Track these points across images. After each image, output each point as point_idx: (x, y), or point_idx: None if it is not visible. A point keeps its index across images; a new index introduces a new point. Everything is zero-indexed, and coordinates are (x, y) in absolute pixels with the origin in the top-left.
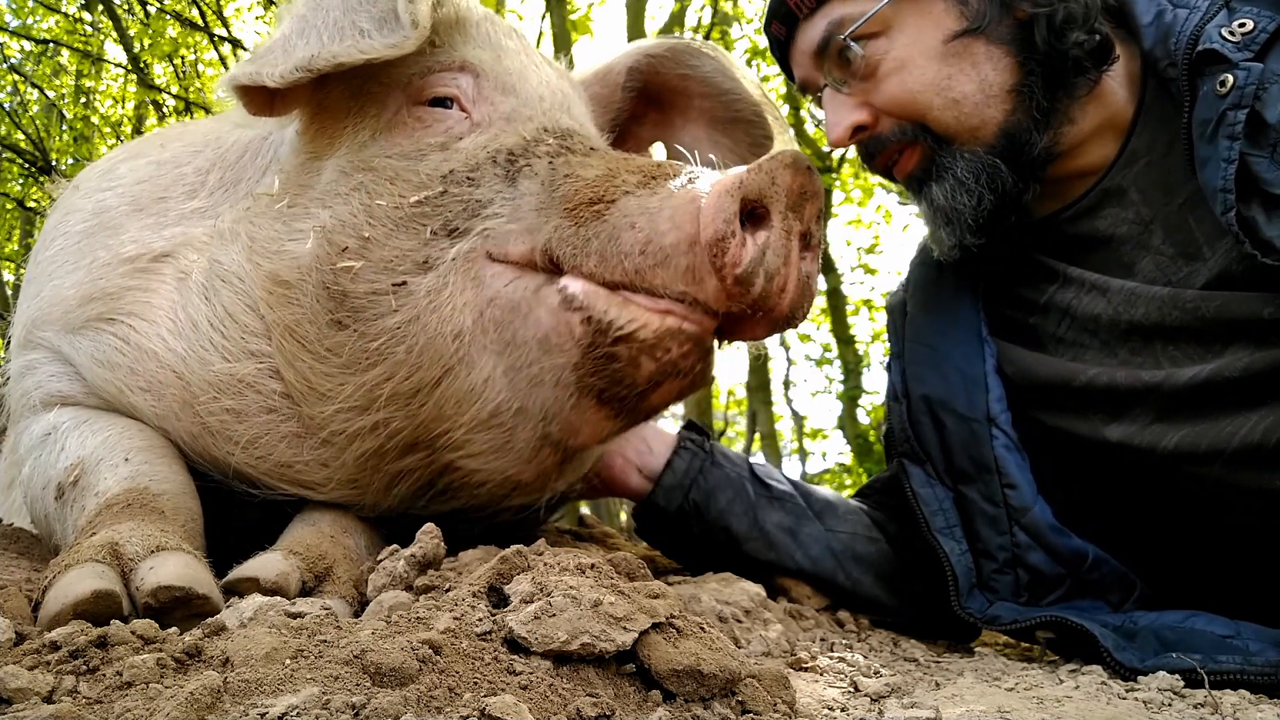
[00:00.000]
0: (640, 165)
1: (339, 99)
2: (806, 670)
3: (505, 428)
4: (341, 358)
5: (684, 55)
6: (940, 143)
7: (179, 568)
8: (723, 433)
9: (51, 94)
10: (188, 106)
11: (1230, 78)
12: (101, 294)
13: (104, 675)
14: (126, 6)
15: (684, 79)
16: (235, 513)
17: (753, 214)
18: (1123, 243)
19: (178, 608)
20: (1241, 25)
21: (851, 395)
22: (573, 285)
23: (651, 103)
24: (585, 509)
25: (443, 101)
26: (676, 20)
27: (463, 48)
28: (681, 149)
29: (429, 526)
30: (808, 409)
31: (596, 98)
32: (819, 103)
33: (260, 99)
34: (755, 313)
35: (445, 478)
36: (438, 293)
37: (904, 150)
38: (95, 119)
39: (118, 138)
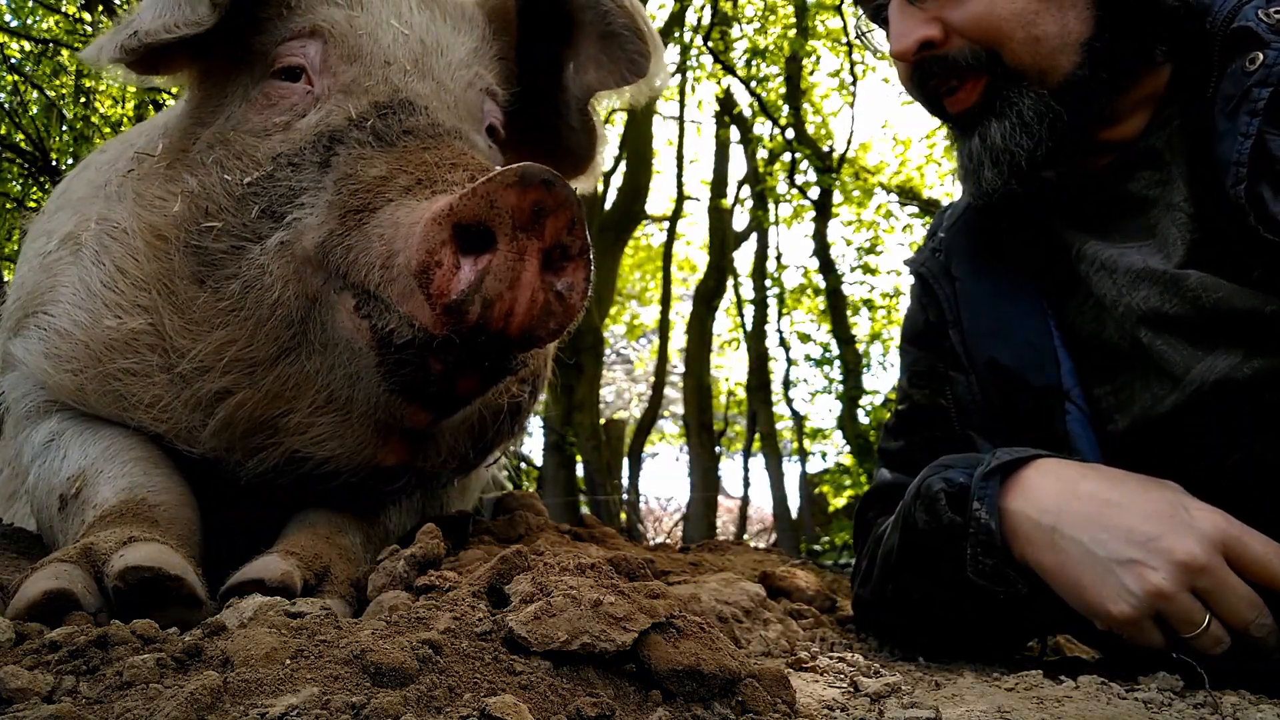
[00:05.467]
0: (422, 163)
1: (221, 65)
2: (806, 670)
3: (342, 412)
4: (198, 312)
5: None
6: (1009, 77)
7: (149, 551)
8: (723, 433)
9: (51, 94)
10: None
11: (1261, 55)
12: (24, 291)
13: (104, 675)
14: (126, 6)
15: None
16: (226, 513)
17: (481, 236)
18: (1152, 205)
19: (151, 591)
20: (1279, 10)
21: (851, 395)
22: (364, 294)
23: (557, 16)
24: (585, 509)
25: (293, 72)
26: (676, 20)
27: (319, 7)
28: (578, 70)
29: (429, 526)
30: (808, 409)
31: (494, 11)
32: (876, 15)
33: (136, 62)
34: (479, 337)
35: (303, 466)
36: (264, 271)
37: (966, 81)
38: (95, 119)
39: None
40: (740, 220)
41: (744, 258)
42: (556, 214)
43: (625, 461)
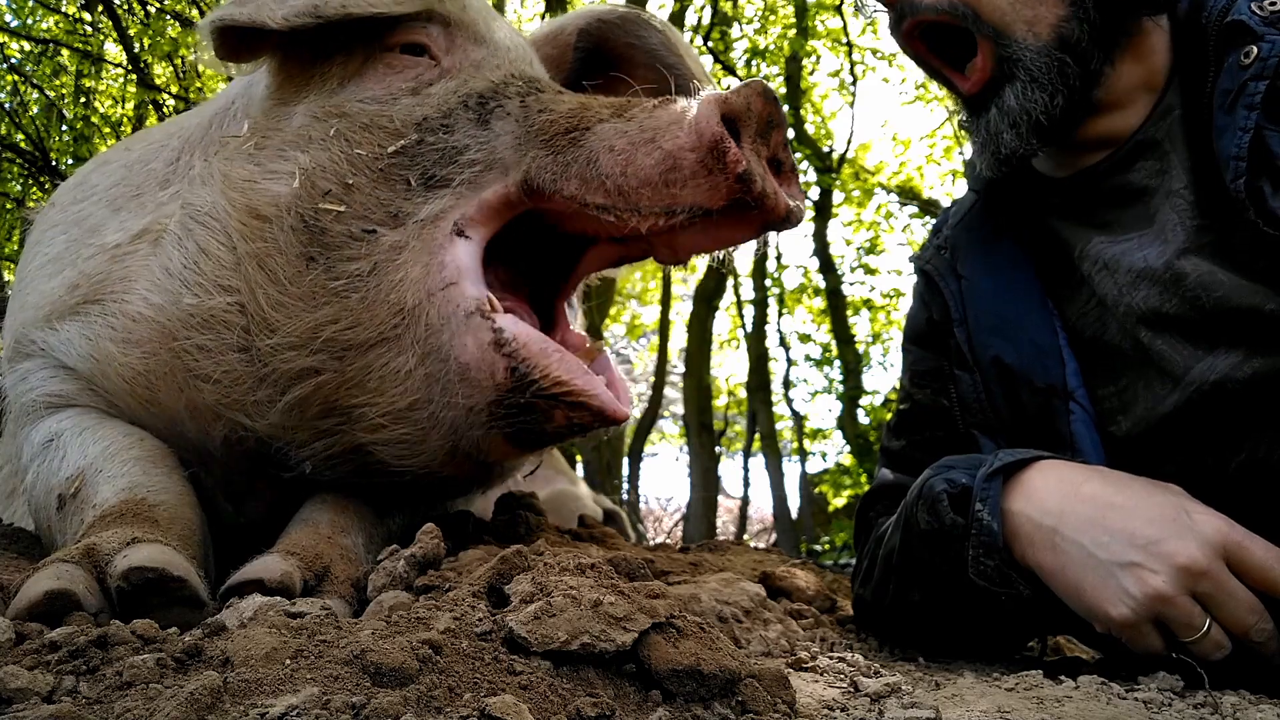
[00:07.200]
0: (608, 101)
1: (305, 48)
2: (806, 670)
3: (420, 426)
4: (300, 289)
5: (633, 25)
6: (1000, 37)
7: (152, 552)
8: (722, 433)
9: (51, 94)
10: (188, 106)
11: (1255, 49)
12: (86, 280)
13: (104, 675)
14: (126, 6)
15: (631, 48)
16: (229, 514)
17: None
18: (1151, 194)
19: (154, 592)
20: (1272, 3)
21: (851, 395)
22: (509, 327)
23: (601, 68)
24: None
25: (413, 48)
26: (676, 20)
27: None
28: None
29: (429, 526)
30: (808, 409)
31: (548, 59)
32: None
33: (232, 44)
34: (754, 208)
35: (364, 458)
36: (397, 251)
37: (972, 54)
38: (95, 119)
39: (118, 137)
40: None
41: (744, 258)
42: (779, 129)
43: (625, 461)
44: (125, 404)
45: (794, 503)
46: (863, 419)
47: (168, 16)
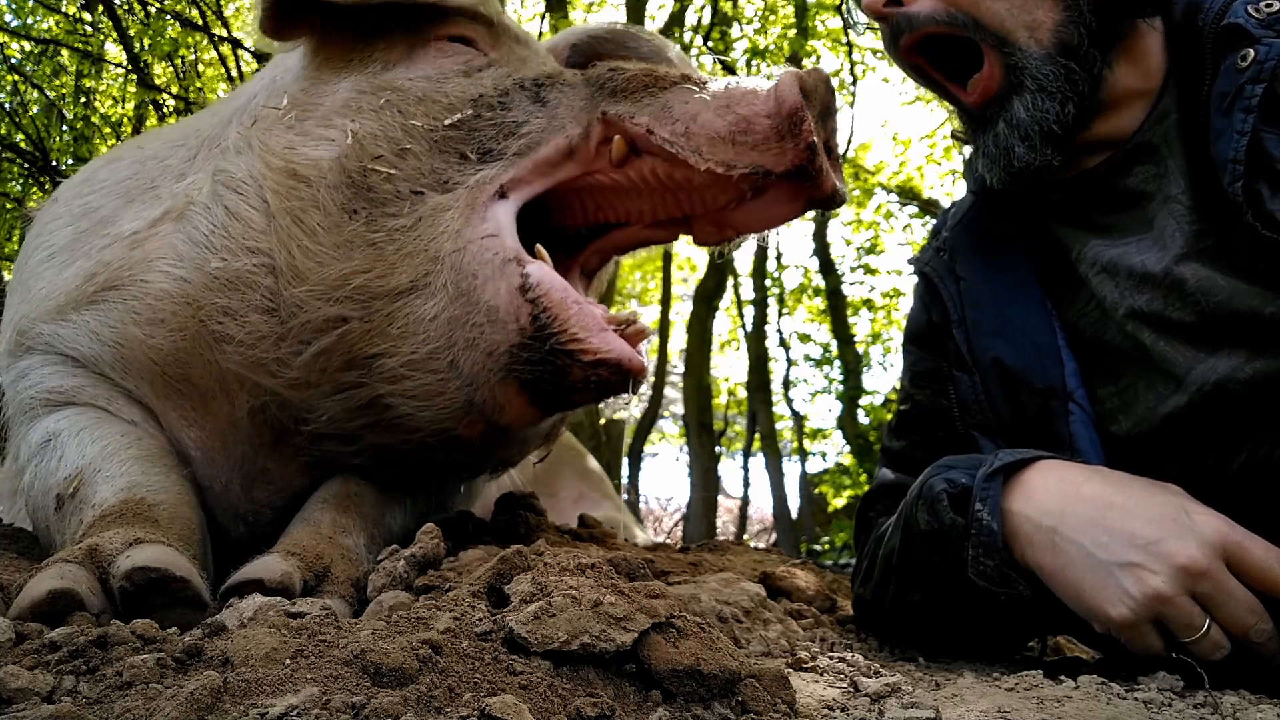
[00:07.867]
0: (669, 71)
1: (345, 33)
2: (806, 670)
3: (439, 375)
4: (336, 239)
5: (623, 38)
6: (1002, 43)
7: (155, 552)
8: (723, 433)
9: (51, 94)
10: (188, 106)
11: (1251, 52)
12: (105, 268)
13: (104, 675)
14: (126, 6)
15: (625, 61)
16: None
17: None
18: (1149, 199)
19: (157, 592)
20: (1269, 5)
21: (851, 395)
22: (535, 273)
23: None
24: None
25: (459, 40)
26: (676, 20)
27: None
28: None
29: (429, 526)
30: (808, 409)
31: None
32: None
33: (279, 17)
34: (810, 179)
35: (382, 413)
36: (442, 211)
37: (981, 66)
38: (95, 119)
39: (118, 137)
40: None
41: (744, 258)
42: (833, 116)
43: (625, 461)
44: (152, 388)
45: (794, 503)
46: (863, 419)
47: (168, 16)
